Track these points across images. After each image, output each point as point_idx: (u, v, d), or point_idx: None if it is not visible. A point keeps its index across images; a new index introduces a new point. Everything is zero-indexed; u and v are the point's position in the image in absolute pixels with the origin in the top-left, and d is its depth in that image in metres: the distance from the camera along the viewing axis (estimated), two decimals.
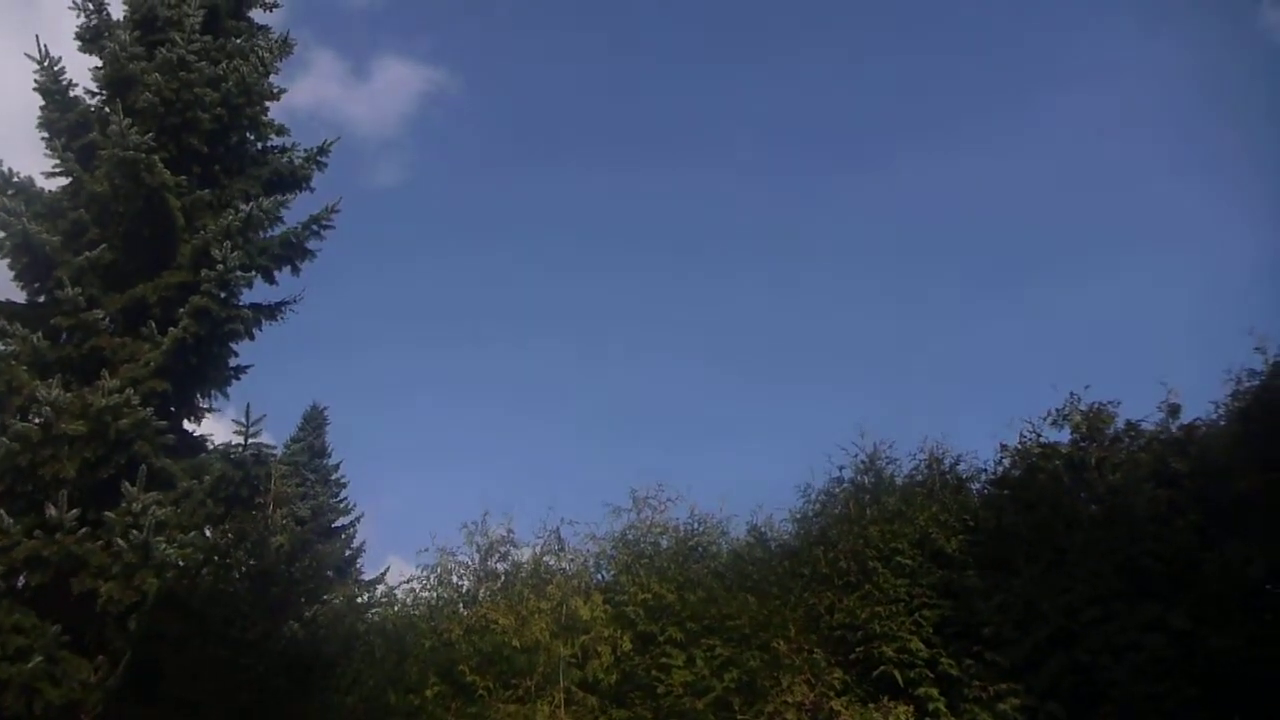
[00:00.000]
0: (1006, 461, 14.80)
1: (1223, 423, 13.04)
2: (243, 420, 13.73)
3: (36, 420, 12.25)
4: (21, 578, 12.03)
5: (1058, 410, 14.31)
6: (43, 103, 14.46)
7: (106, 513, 11.99)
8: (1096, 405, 14.17)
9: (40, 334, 12.92)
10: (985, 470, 15.25)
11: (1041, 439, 14.45)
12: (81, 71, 14.94)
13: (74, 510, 11.80)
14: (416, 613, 17.11)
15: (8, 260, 13.51)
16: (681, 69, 72.90)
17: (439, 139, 76.65)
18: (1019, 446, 14.62)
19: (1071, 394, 14.34)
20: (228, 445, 13.80)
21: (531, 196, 70.92)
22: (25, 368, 12.62)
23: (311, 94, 65.69)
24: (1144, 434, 13.70)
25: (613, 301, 67.14)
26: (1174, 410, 13.43)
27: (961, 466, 15.56)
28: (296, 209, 15.12)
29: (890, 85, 67.87)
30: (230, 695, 11.65)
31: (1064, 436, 14.33)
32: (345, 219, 15.17)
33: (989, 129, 64.89)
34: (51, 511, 11.70)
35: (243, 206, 14.27)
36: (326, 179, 15.70)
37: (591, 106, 75.15)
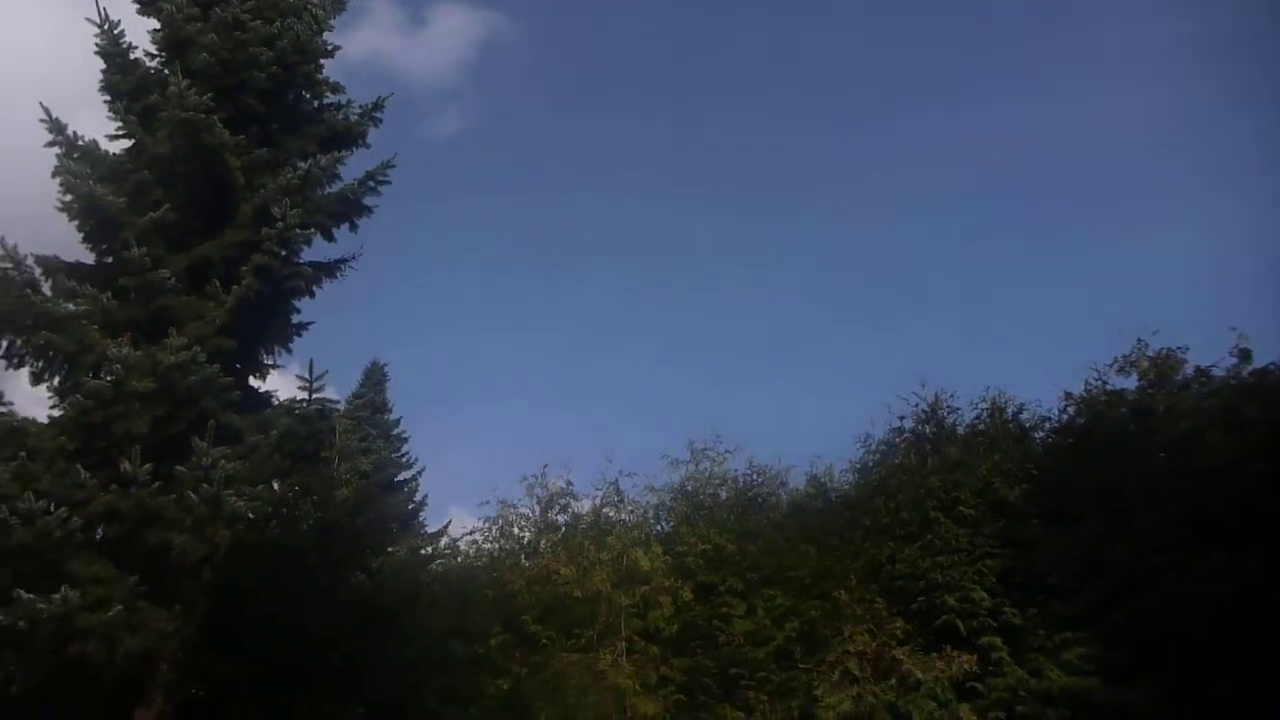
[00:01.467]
0: (1071, 410, 14.62)
1: None
2: (306, 376, 13.97)
3: (108, 378, 12.52)
4: (99, 530, 12.41)
5: (1124, 357, 14.07)
6: (104, 66, 14.60)
7: (178, 467, 12.26)
8: (1165, 351, 13.91)
9: (109, 294, 13.16)
10: (1049, 419, 15.10)
11: (1107, 386, 14.23)
12: (140, 34, 15.05)
13: (146, 465, 12.06)
14: (479, 564, 17.45)
15: (76, 222, 13.75)
16: (745, 6, 71.72)
17: (498, 85, 76.31)
18: (1084, 394, 14.42)
19: (1139, 340, 14.09)
20: (292, 401, 14.03)
21: (594, 138, 70.70)
22: (96, 327, 12.88)
23: (368, 44, 65.69)
24: (1214, 380, 13.41)
25: (675, 240, 66.95)
26: (1245, 355, 13.11)
27: (1024, 415, 15.42)
28: (353, 165, 15.18)
29: (956, 29, 66.16)
30: (299, 644, 11.95)
31: (1130, 383, 14.10)
32: (404, 170, 15.17)
33: (1060, 72, 63.14)
34: (125, 466, 11.98)
35: (300, 164, 14.36)
36: (384, 130, 15.75)
37: (653, 47, 74.37)
